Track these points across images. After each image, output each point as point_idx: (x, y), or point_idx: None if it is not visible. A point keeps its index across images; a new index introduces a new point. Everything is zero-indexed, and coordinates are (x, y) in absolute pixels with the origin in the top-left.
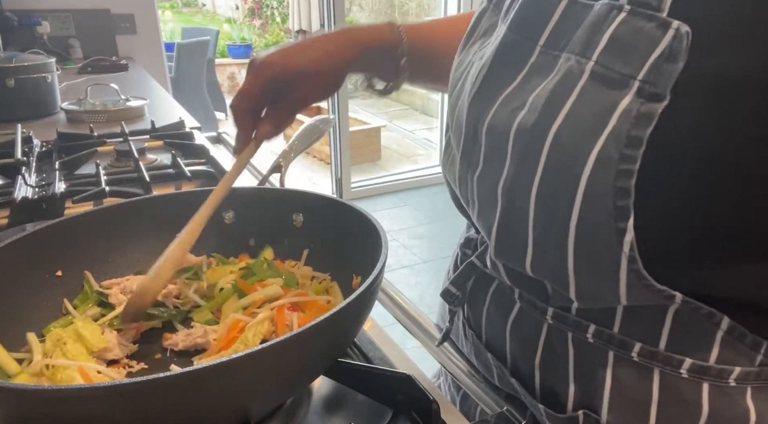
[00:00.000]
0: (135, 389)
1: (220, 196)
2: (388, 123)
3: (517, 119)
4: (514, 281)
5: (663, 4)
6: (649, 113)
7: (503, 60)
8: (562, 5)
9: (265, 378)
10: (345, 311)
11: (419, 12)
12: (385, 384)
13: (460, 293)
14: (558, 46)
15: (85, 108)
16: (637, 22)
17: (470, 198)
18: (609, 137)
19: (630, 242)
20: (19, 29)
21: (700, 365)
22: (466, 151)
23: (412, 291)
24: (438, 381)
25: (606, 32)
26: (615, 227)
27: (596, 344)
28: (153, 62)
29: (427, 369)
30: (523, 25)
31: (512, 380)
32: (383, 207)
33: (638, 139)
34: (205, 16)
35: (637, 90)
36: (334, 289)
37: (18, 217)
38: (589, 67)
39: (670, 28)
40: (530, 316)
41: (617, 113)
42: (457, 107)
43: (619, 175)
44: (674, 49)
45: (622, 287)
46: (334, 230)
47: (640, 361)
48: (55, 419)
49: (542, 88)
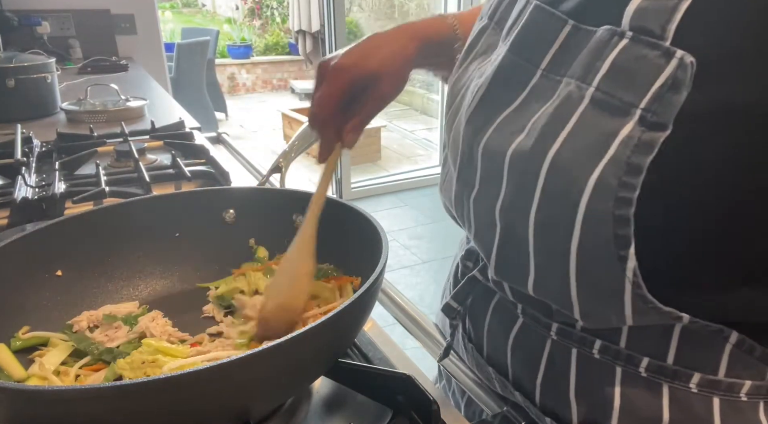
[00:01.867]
0: (135, 389)
1: (320, 205)
2: (388, 123)
3: (514, 143)
4: (517, 297)
5: (666, 32)
6: (651, 141)
7: (502, 81)
8: (565, 30)
9: (265, 378)
10: (345, 312)
11: (419, 12)
12: (385, 385)
13: (461, 308)
14: (560, 71)
15: (85, 108)
16: (639, 49)
17: (467, 219)
18: (608, 164)
19: (633, 268)
20: (19, 29)
21: (709, 379)
22: (462, 171)
23: (412, 291)
24: (439, 385)
25: (607, 58)
26: (616, 254)
27: (603, 359)
28: (153, 62)
29: (427, 369)
30: (525, 47)
31: (516, 393)
32: (383, 207)
33: (638, 167)
34: (205, 16)
35: (639, 118)
36: (345, 287)
37: (18, 217)
38: (590, 92)
39: (674, 57)
40: (533, 331)
41: (618, 140)
42: (454, 124)
43: (618, 203)
44: (678, 79)
45: (627, 310)
46: (334, 230)
47: (648, 376)
48: (55, 419)
49: (542, 112)
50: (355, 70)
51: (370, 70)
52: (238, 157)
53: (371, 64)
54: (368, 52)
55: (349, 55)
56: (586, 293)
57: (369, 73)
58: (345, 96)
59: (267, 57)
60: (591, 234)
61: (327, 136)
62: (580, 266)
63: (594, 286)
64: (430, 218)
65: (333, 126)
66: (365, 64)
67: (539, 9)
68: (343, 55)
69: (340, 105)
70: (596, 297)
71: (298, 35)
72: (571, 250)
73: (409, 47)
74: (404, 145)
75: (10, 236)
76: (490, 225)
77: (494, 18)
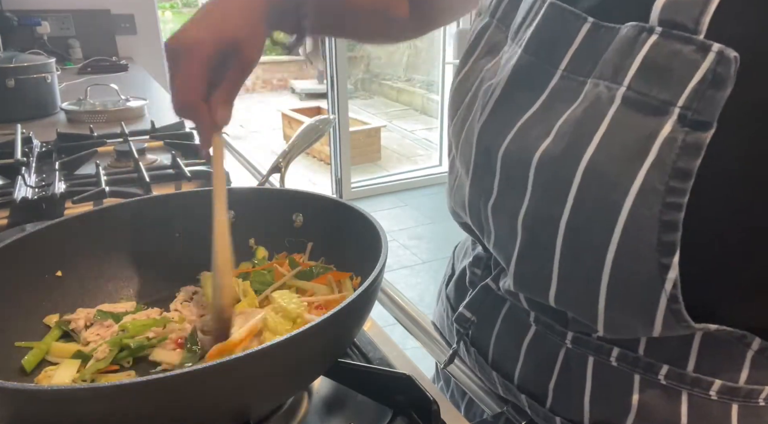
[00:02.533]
0: (135, 389)
1: (225, 195)
2: (388, 123)
3: (540, 148)
4: (532, 305)
5: (700, 26)
6: (697, 143)
7: (519, 83)
8: (585, 28)
9: (265, 378)
10: (345, 312)
11: None
12: (384, 384)
13: (475, 317)
14: (582, 71)
15: (85, 108)
16: (672, 44)
17: (485, 226)
18: (653, 167)
19: (673, 279)
20: (19, 29)
21: (729, 387)
22: (477, 176)
23: (412, 291)
24: (437, 385)
25: (638, 56)
26: (658, 263)
27: (620, 367)
28: (153, 62)
29: (427, 369)
30: (541, 47)
31: (522, 396)
32: (383, 207)
33: (686, 171)
34: None
35: (678, 117)
36: (344, 283)
37: (18, 217)
38: (621, 92)
39: (711, 51)
40: (547, 339)
41: (658, 142)
42: (465, 129)
43: (665, 208)
44: (720, 75)
45: (657, 324)
46: (334, 230)
47: (667, 383)
48: (55, 419)
49: (568, 115)
50: (210, 43)
51: (227, 38)
52: (238, 157)
53: (226, 31)
54: (219, 20)
55: (197, 28)
56: (615, 304)
57: (227, 43)
58: (207, 73)
59: (267, 57)
60: (632, 241)
61: (201, 122)
62: (614, 275)
63: (626, 297)
64: (430, 218)
65: (203, 110)
66: (220, 34)
67: (555, 6)
68: (190, 28)
69: (205, 85)
70: (626, 309)
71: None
72: (606, 258)
73: (259, 8)
74: (404, 145)
75: (10, 236)
76: (511, 233)
77: (496, 15)
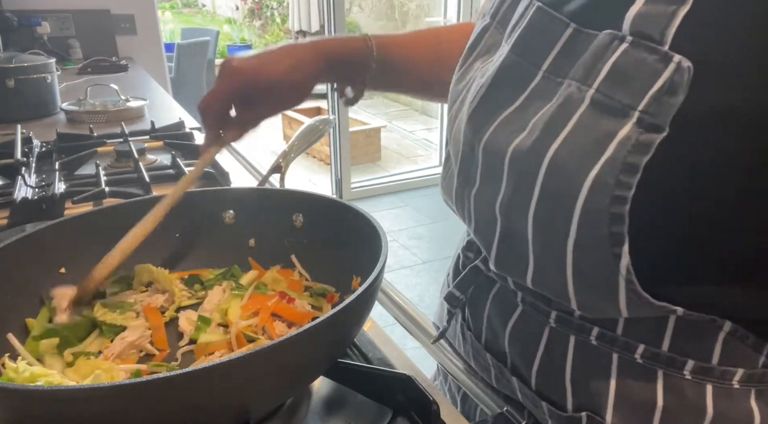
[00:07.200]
0: (135, 389)
1: (182, 189)
2: (388, 123)
3: (514, 142)
4: (517, 286)
5: (665, 37)
6: (648, 142)
7: (504, 81)
8: (567, 33)
9: (265, 378)
10: (345, 312)
11: (419, 12)
12: (384, 385)
13: (463, 296)
14: (561, 72)
15: (85, 108)
16: (638, 53)
17: (467, 214)
18: (605, 163)
19: (626, 265)
20: (19, 29)
21: (702, 367)
22: (463, 167)
23: (412, 291)
24: (436, 382)
25: (608, 61)
26: (611, 251)
27: (600, 346)
28: (153, 63)
29: (427, 369)
30: (527, 48)
31: (513, 378)
32: (383, 207)
33: (634, 166)
34: (205, 16)
35: (637, 120)
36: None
37: (18, 217)
38: (590, 94)
39: (671, 61)
40: (532, 319)
41: (616, 141)
42: (456, 122)
43: (613, 202)
44: (675, 83)
45: (622, 304)
46: (334, 230)
47: (643, 363)
48: (55, 419)
49: (543, 112)
50: (250, 76)
51: (266, 78)
52: (238, 157)
53: (269, 73)
54: (271, 62)
55: (252, 60)
56: (582, 287)
57: (264, 81)
58: (234, 97)
59: None
60: (587, 231)
61: (211, 130)
62: (576, 262)
63: (589, 281)
64: (430, 218)
65: (217, 122)
66: (263, 72)
67: (541, 11)
68: (249, 58)
69: (228, 104)
70: (592, 291)
71: (298, 36)
72: (567, 246)
73: (312, 64)
74: (404, 146)
75: (10, 236)
76: (491, 220)
77: (497, 17)
